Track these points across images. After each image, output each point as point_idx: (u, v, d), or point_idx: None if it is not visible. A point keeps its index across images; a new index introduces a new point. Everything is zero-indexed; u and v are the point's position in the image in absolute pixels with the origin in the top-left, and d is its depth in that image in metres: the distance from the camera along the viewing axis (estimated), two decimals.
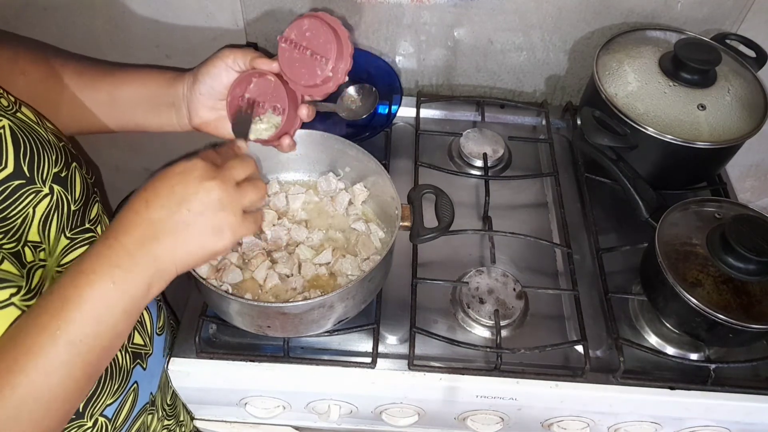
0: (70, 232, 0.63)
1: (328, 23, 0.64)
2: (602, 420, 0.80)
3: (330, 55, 0.65)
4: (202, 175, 0.54)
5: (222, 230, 0.55)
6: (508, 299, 0.81)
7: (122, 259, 0.52)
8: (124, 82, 0.72)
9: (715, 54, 0.87)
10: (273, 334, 0.72)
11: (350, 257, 0.76)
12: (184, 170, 0.55)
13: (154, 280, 0.53)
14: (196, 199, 0.54)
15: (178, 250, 0.54)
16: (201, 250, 0.55)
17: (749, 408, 0.76)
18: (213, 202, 0.54)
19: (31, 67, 0.69)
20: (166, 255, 0.53)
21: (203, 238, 0.55)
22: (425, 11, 0.99)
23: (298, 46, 0.65)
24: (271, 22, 1.03)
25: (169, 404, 0.83)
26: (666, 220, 0.78)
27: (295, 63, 0.66)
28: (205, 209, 0.54)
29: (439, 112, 1.08)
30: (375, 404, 0.80)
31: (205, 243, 0.55)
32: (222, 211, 0.55)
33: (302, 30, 0.65)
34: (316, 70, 0.66)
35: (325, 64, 0.65)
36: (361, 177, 0.82)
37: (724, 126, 0.85)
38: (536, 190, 0.98)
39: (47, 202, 0.58)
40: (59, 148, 0.62)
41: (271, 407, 0.82)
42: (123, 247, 0.52)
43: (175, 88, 0.70)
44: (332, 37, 0.64)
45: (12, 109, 0.59)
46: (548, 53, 1.05)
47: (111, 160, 1.29)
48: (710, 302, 0.70)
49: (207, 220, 0.54)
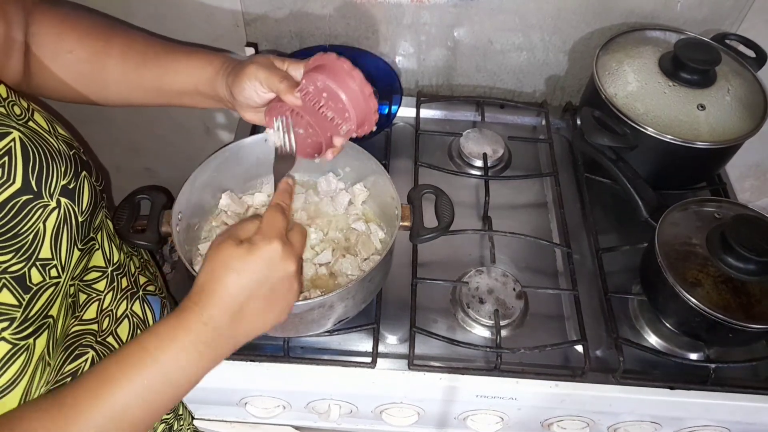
0: (81, 244, 0.63)
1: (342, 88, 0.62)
2: (602, 420, 0.80)
3: (348, 123, 0.64)
4: (287, 264, 0.56)
5: (291, 304, 0.59)
6: (508, 299, 0.81)
7: (211, 338, 0.54)
8: (168, 71, 0.71)
9: (715, 54, 0.87)
10: (273, 334, 0.72)
11: (350, 257, 0.76)
12: (272, 256, 0.55)
13: (229, 353, 0.56)
14: (280, 285, 0.56)
15: (257, 329, 0.57)
16: (273, 325, 0.59)
17: (749, 408, 0.76)
18: (292, 287, 0.58)
19: (78, 46, 0.69)
20: (245, 334, 0.57)
21: (278, 315, 0.58)
22: (425, 11, 0.99)
23: (317, 104, 0.64)
24: (271, 22, 1.03)
25: None
26: (666, 220, 0.78)
27: (317, 113, 0.64)
28: (286, 294, 0.57)
29: (439, 112, 1.08)
30: (375, 404, 0.80)
31: (279, 319, 0.59)
32: (296, 290, 0.59)
33: (318, 88, 0.63)
34: (338, 129, 0.65)
35: (345, 130, 0.65)
36: (361, 177, 0.82)
37: (724, 126, 0.85)
38: (536, 190, 0.98)
39: (56, 216, 0.58)
40: (69, 157, 0.61)
41: (271, 407, 0.82)
42: (212, 323, 0.54)
43: (217, 89, 0.69)
44: (348, 107, 0.63)
45: (24, 117, 0.59)
46: (548, 53, 1.05)
47: (111, 160, 1.29)
48: (710, 302, 0.70)
49: (285, 301, 0.58)
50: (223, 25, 1.04)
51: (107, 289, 0.71)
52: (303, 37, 1.06)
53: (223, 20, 1.04)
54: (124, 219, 0.71)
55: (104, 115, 1.20)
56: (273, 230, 0.57)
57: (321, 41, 1.06)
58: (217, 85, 0.69)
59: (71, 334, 0.66)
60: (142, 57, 0.71)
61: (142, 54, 0.71)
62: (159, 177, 1.40)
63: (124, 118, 1.24)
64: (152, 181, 1.32)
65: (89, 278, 0.68)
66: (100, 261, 0.70)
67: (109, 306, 0.72)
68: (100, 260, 0.70)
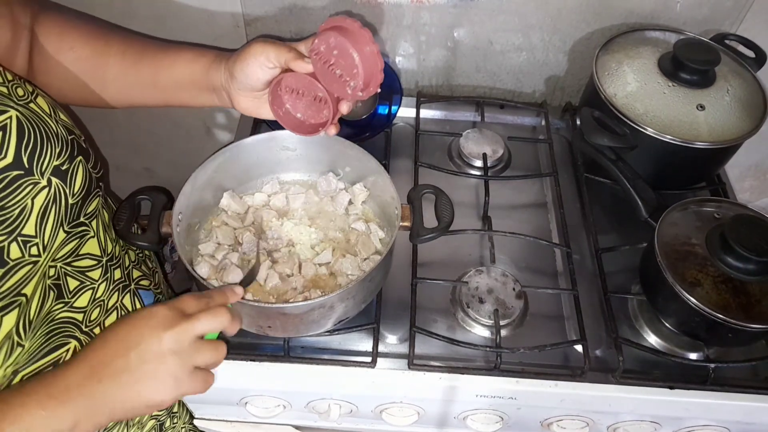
0: (68, 226, 0.63)
1: (352, 44, 0.63)
2: (602, 419, 0.80)
3: (356, 79, 0.65)
4: (160, 324, 0.54)
5: (164, 382, 0.54)
6: (508, 299, 0.81)
7: (59, 392, 0.52)
8: (164, 65, 0.72)
9: (715, 54, 0.87)
10: (273, 334, 0.72)
11: (350, 257, 0.76)
12: (147, 315, 0.55)
13: (81, 418, 0.53)
14: (145, 347, 0.54)
15: (115, 395, 0.53)
16: (138, 398, 0.54)
17: (749, 408, 0.76)
18: (161, 353, 0.54)
19: (78, 44, 0.71)
20: (102, 398, 0.53)
21: (143, 387, 0.54)
22: (425, 12, 0.99)
23: (327, 63, 0.65)
24: (271, 23, 1.03)
25: None
26: (665, 220, 0.78)
27: (326, 74, 0.66)
28: (151, 358, 0.54)
29: (438, 112, 1.08)
30: (375, 404, 0.80)
31: (144, 393, 0.54)
32: (168, 364, 0.54)
33: (330, 46, 0.64)
34: (346, 89, 0.66)
35: (353, 86, 0.66)
36: (361, 177, 0.82)
37: (724, 126, 0.85)
38: (536, 190, 0.98)
39: (45, 194, 0.59)
40: (66, 141, 0.62)
41: (271, 407, 0.82)
42: (65, 379, 0.53)
43: (212, 77, 0.70)
44: (357, 61, 0.64)
45: (27, 98, 0.60)
46: (548, 54, 1.05)
47: (111, 159, 1.29)
48: (709, 302, 0.71)
49: (150, 368, 0.53)
50: (223, 25, 1.04)
51: (102, 279, 0.71)
52: (303, 37, 1.05)
53: (223, 20, 1.04)
54: (125, 219, 0.71)
55: (105, 115, 1.20)
56: (169, 301, 0.57)
57: None
58: (212, 74, 0.70)
59: (57, 319, 0.66)
60: (139, 54, 0.73)
61: (139, 52, 0.73)
62: (159, 177, 1.40)
63: (124, 118, 1.24)
64: (152, 181, 1.32)
65: (82, 264, 0.68)
66: (95, 249, 0.70)
67: (101, 296, 0.72)
68: (95, 248, 0.70)
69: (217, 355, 0.58)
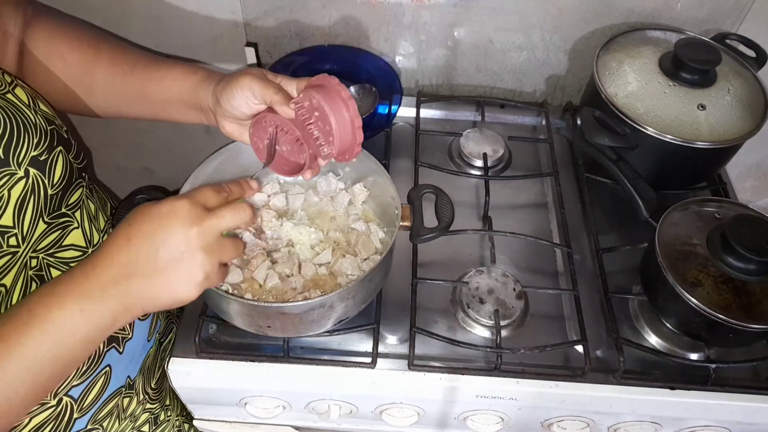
0: (48, 217, 0.63)
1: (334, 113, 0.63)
2: (602, 420, 0.80)
3: (330, 147, 0.65)
4: (186, 221, 0.54)
5: (194, 278, 0.55)
6: (508, 299, 0.81)
7: (94, 290, 0.52)
8: (153, 79, 0.72)
9: (715, 54, 0.87)
10: (273, 334, 0.72)
11: (350, 257, 0.76)
12: (170, 212, 0.54)
13: (119, 314, 0.54)
14: (174, 245, 0.54)
15: (148, 291, 0.54)
16: (169, 296, 0.55)
17: (749, 408, 0.76)
18: (190, 251, 0.54)
19: (68, 52, 0.71)
20: (136, 294, 0.54)
21: (174, 284, 0.54)
22: (425, 11, 0.99)
23: (307, 120, 0.65)
24: (271, 22, 1.03)
25: (153, 388, 0.83)
26: (666, 220, 0.78)
27: (304, 128, 0.65)
28: (181, 256, 0.54)
29: (439, 112, 1.08)
30: (375, 404, 0.80)
31: (175, 289, 0.55)
32: (198, 261, 0.54)
33: (312, 105, 0.64)
34: (320, 150, 0.66)
35: (326, 152, 0.66)
36: (361, 177, 0.82)
37: (724, 126, 0.85)
38: (536, 190, 0.98)
39: (22, 185, 0.59)
40: (46, 132, 0.62)
41: (271, 407, 0.82)
42: (98, 278, 0.53)
43: (200, 97, 0.69)
44: (335, 130, 0.63)
45: (3, 89, 0.60)
46: (548, 53, 1.05)
47: (111, 159, 1.29)
48: (710, 302, 0.70)
49: (181, 267, 0.54)
50: (223, 25, 1.04)
51: None
52: (303, 37, 1.06)
53: (223, 20, 1.04)
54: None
55: None
56: (189, 194, 0.56)
57: (321, 41, 1.06)
58: (200, 94, 0.69)
59: None
60: (129, 66, 0.72)
61: (129, 63, 0.72)
62: (159, 177, 1.40)
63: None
64: (152, 181, 1.32)
65: (66, 256, 0.68)
66: (79, 240, 0.69)
67: None
68: (80, 239, 0.69)
69: (237, 250, 0.59)
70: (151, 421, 0.83)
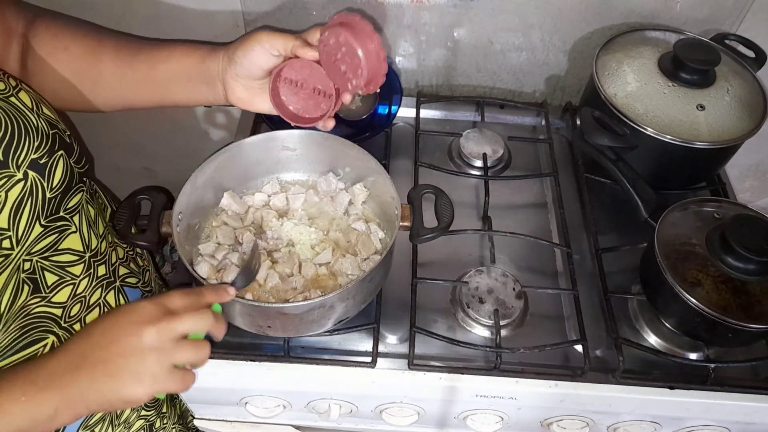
0: (45, 220, 0.63)
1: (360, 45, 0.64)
2: (602, 419, 0.80)
3: (359, 78, 0.66)
4: (142, 319, 0.54)
5: (140, 378, 0.53)
6: (508, 299, 0.81)
7: (40, 379, 0.52)
8: (160, 60, 0.73)
9: (715, 54, 0.87)
10: (273, 334, 0.72)
11: (350, 257, 0.76)
12: (131, 309, 0.55)
13: (61, 408, 0.53)
14: (125, 341, 0.53)
15: (92, 386, 0.53)
16: (113, 393, 0.53)
17: (749, 408, 0.76)
18: (140, 348, 0.53)
19: (72, 44, 0.72)
20: (80, 388, 0.53)
21: (119, 380, 0.53)
22: (425, 11, 0.99)
23: (333, 57, 0.66)
24: (272, 22, 1.03)
25: None
26: (665, 220, 0.78)
27: (330, 67, 0.67)
28: (130, 353, 0.53)
29: (439, 112, 1.08)
30: (375, 404, 0.80)
31: (120, 387, 0.53)
32: (146, 360, 0.53)
33: (339, 42, 0.65)
34: (347, 84, 0.67)
35: (354, 84, 0.67)
36: (361, 177, 0.82)
37: (724, 126, 0.85)
38: (536, 190, 0.98)
39: (20, 187, 0.59)
40: (47, 135, 0.63)
41: (271, 407, 0.82)
42: (47, 366, 0.53)
43: (209, 66, 0.71)
44: (363, 62, 0.64)
45: (7, 92, 0.60)
46: (548, 53, 1.05)
47: (111, 160, 1.29)
48: (710, 302, 0.71)
49: (129, 364, 0.53)
50: (223, 25, 1.04)
51: (83, 275, 0.71)
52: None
53: (223, 20, 1.04)
54: (124, 219, 0.71)
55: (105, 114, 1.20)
56: (156, 296, 0.56)
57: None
58: (209, 63, 0.70)
59: (33, 314, 0.66)
60: (134, 51, 0.74)
61: (133, 49, 0.74)
62: (159, 177, 1.40)
63: (124, 119, 1.23)
64: (152, 181, 1.31)
65: (62, 260, 0.68)
66: (77, 245, 0.69)
67: (83, 292, 0.71)
68: (77, 244, 0.69)
69: (199, 355, 0.56)
70: (146, 428, 0.83)
